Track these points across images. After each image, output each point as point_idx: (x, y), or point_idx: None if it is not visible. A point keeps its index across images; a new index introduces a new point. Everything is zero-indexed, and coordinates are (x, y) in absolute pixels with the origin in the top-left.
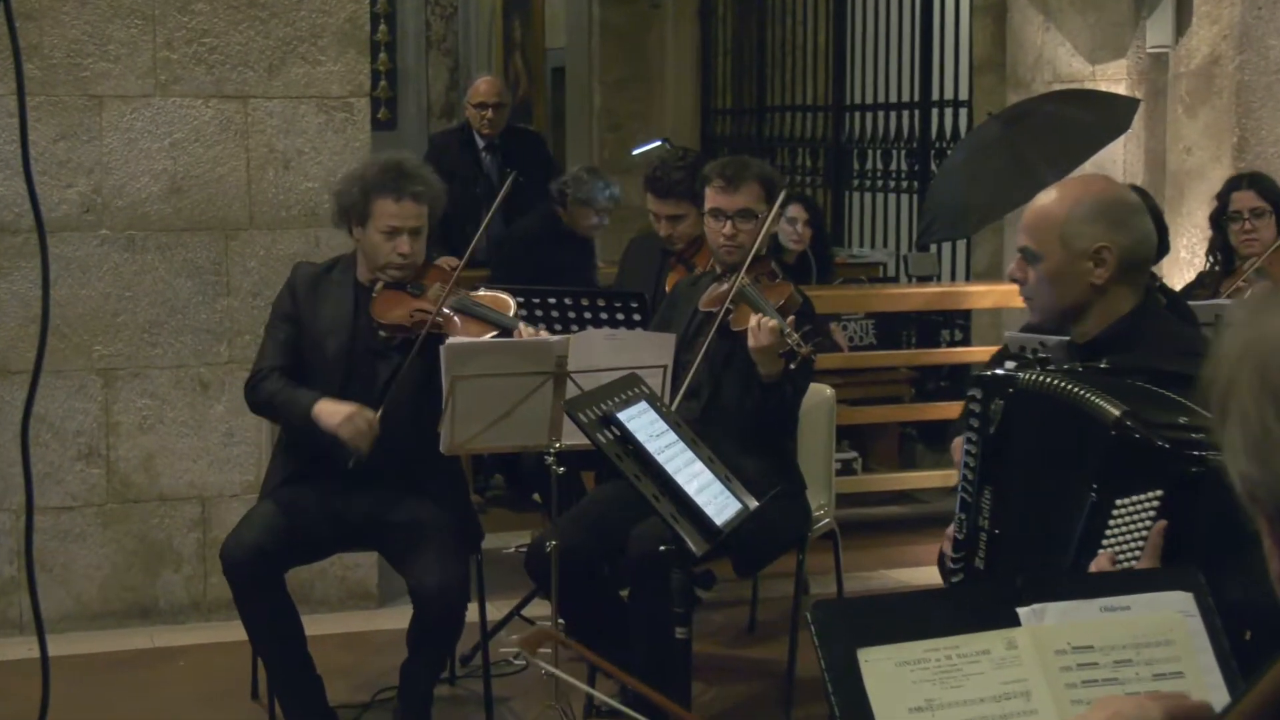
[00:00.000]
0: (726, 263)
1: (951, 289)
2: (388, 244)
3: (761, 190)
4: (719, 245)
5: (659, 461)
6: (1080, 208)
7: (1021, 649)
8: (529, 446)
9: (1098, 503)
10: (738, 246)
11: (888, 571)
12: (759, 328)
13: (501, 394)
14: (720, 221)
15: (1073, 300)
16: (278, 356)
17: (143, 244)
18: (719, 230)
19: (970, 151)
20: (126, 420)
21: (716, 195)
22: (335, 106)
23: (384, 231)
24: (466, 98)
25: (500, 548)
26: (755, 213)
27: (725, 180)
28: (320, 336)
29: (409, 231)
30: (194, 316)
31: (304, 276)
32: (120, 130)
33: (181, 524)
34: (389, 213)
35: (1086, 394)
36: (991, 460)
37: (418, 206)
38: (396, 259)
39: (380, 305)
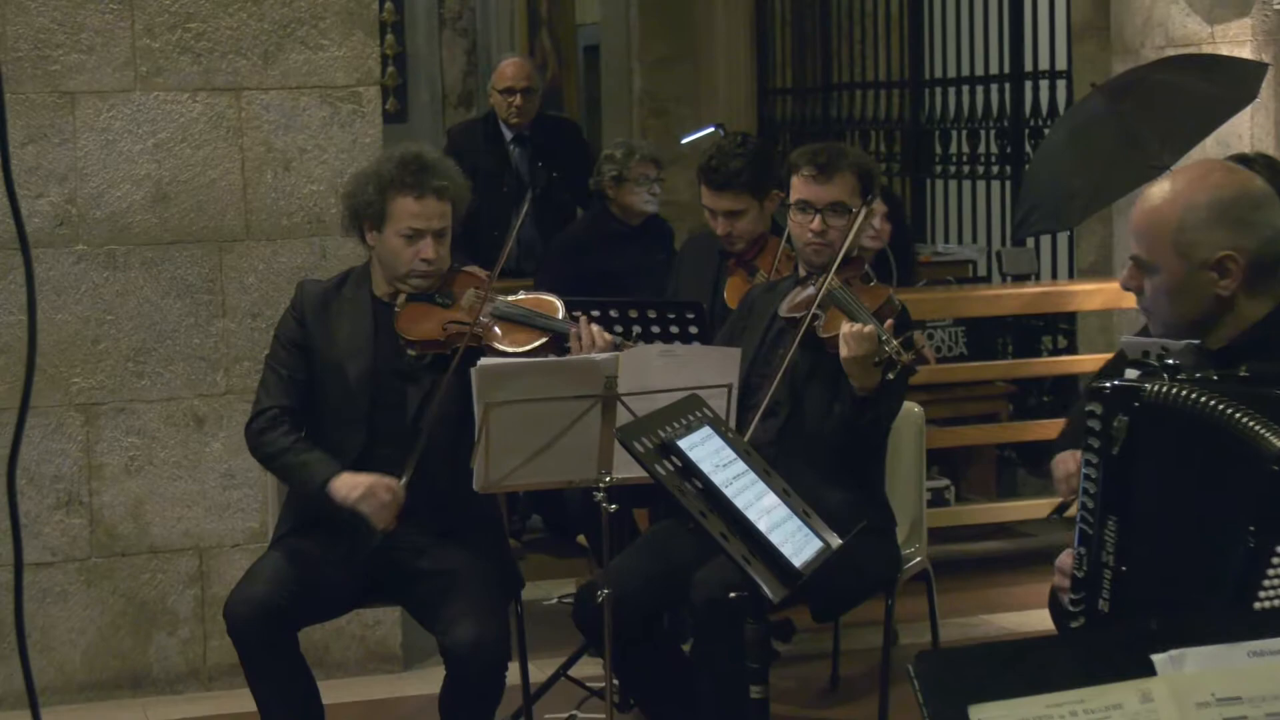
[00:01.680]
0: (813, 263)
1: (1053, 289)
2: (409, 249)
3: (857, 182)
4: (806, 242)
5: (727, 495)
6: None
7: (1158, 702)
8: (575, 481)
9: (1255, 549)
10: (827, 245)
11: (989, 616)
12: (853, 334)
13: (543, 421)
14: (808, 215)
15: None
16: (282, 395)
17: (125, 260)
18: (806, 225)
19: (1071, 130)
20: (111, 462)
21: (806, 185)
22: (341, 98)
23: (404, 235)
24: (491, 83)
25: (541, 599)
26: (848, 207)
27: (817, 169)
28: (339, 363)
29: (433, 233)
30: (185, 342)
31: (311, 296)
32: (96, 130)
33: (176, 580)
34: (409, 212)
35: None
36: (1115, 486)
37: (441, 204)
38: (420, 265)
39: (407, 319)
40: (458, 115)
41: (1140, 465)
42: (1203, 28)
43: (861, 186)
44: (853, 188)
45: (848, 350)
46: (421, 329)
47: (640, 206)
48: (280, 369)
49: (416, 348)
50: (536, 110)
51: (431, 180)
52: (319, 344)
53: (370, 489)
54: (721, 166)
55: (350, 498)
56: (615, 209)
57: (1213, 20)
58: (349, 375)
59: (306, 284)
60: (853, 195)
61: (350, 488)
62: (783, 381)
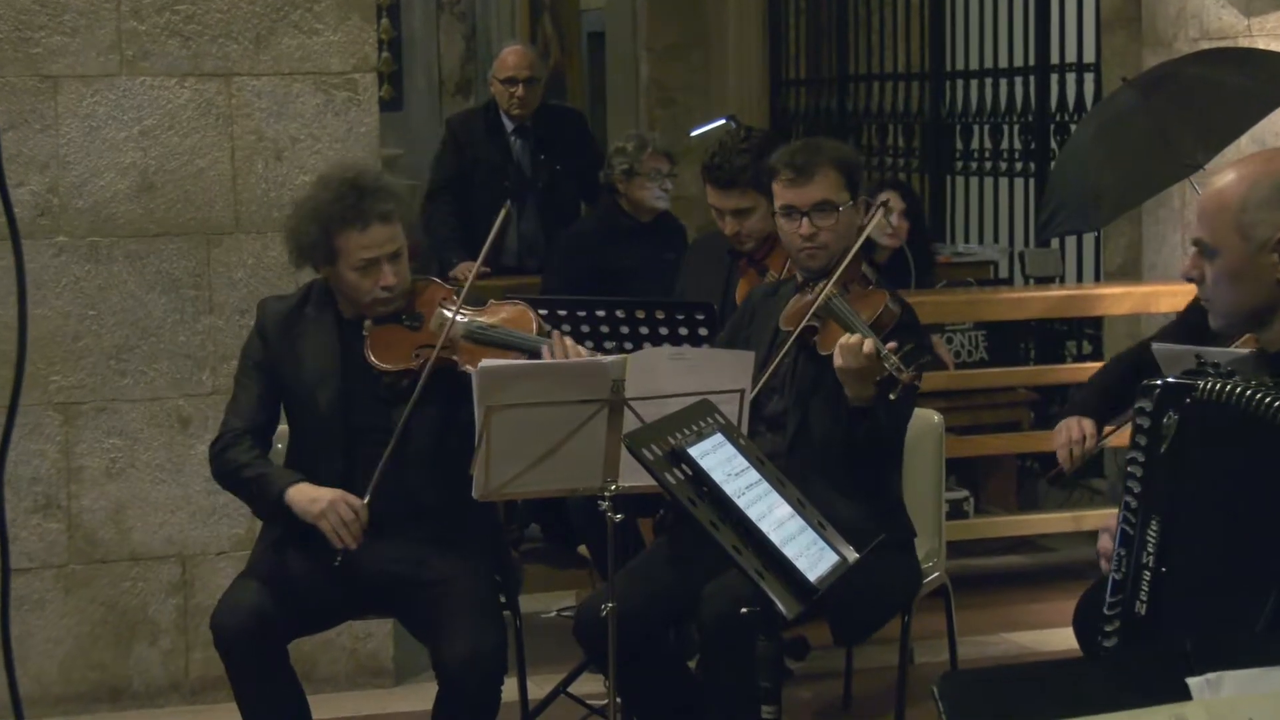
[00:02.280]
0: (809, 268)
1: (1078, 292)
2: (366, 280)
3: (839, 176)
4: (798, 249)
5: (739, 506)
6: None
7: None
8: (579, 490)
9: None
10: (820, 248)
11: (1008, 635)
12: (847, 347)
13: (546, 426)
14: (794, 220)
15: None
16: (249, 414)
17: (108, 252)
18: (794, 231)
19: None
20: (91, 464)
21: (786, 189)
22: (336, 84)
23: (358, 268)
24: (492, 71)
25: (539, 611)
26: (835, 204)
27: (794, 170)
28: (307, 389)
29: (386, 259)
30: (170, 339)
31: (273, 317)
32: (79, 117)
33: (158, 588)
34: (359, 245)
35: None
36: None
37: (389, 228)
38: (381, 294)
39: (376, 347)
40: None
41: (1189, 464)
42: (1239, 20)
43: (846, 180)
44: (835, 183)
45: (841, 362)
46: (391, 356)
47: (651, 203)
48: (248, 386)
49: (390, 376)
50: (539, 101)
51: (375, 207)
52: (285, 368)
53: (331, 504)
54: (725, 164)
55: (310, 512)
56: (625, 204)
57: (1250, 12)
58: (320, 403)
59: (268, 302)
60: (837, 190)
61: (309, 501)
62: (789, 392)
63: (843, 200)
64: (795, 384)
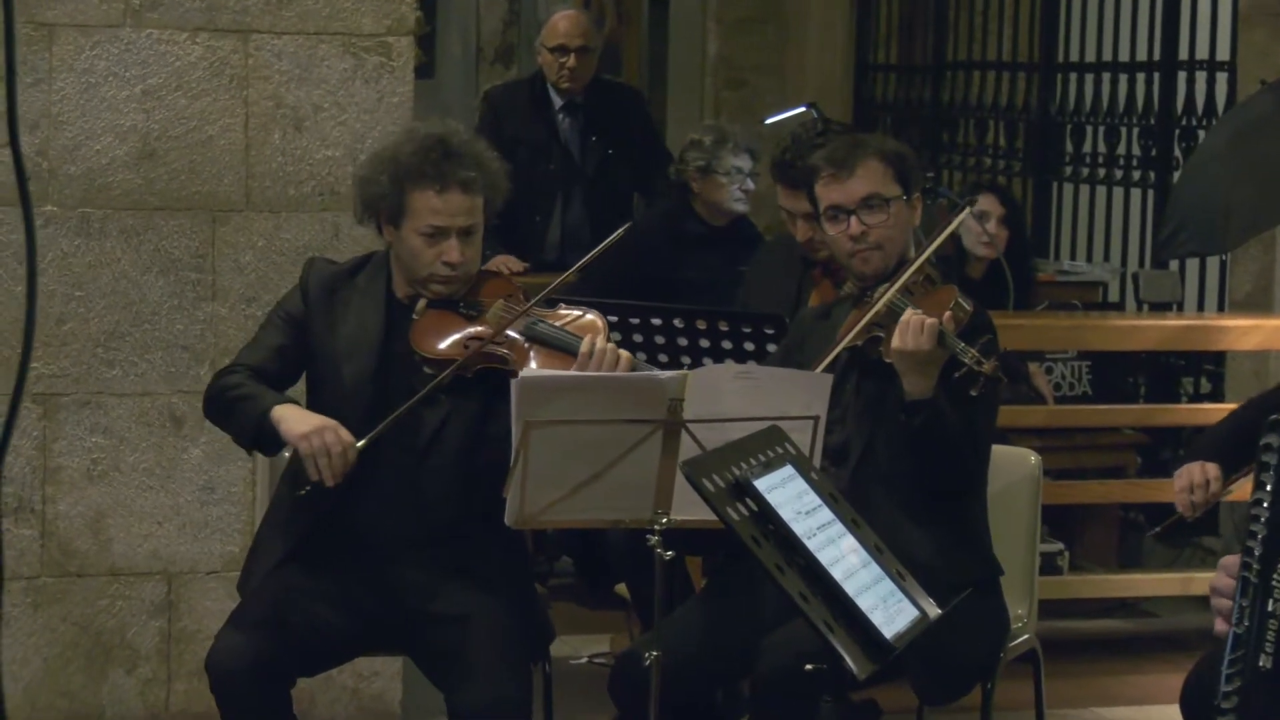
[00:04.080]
0: (864, 274)
1: (1199, 322)
2: (430, 250)
3: (886, 167)
4: (848, 253)
5: (809, 548)
6: None
7: None
8: (625, 521)
9: None
10: (873, 249)
11: (1103, 710)
12: (910, 324)
13: (592, 447)
14: (840, 222)
15: None
16: (261, 358)
17: (101, 226)
18: (843, 232)
19: (1234, 134)
20: (70, 465)
21: (829, 188)
22: (367, 48)
23: (425, 234)
24: (539, 39)
25: (567, 657)
26: (884, 197)
27: (835, 166)
28: (335, 360)
29: (458, 232)
30: (166, 327)
31: (319, 278)
32: (76, 71)
33: (139, 608)
34: (431, 208)
35: None
36: None
37: (469, 198)
38: (442, 269)
39: (423, 332)
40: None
41: None
42: None
43: (895, 172)
44: (882, 174)
45: (901, 343)
46: (439, 345)
47: (728, 205)
48: (271, 333)
49: (433, 366)
50: (592, 74)
51: (458, 170)
52: (318, 333)
53: (318, 429)
54: (799, 161)
55: (294, 431)
56: (698, 206)
57: None
58: (344, 377)
59: (317, 261)
60: (885, 183)
61: (297, 421)
62: (851, 417)
63: (893, 193)
64: (857, 408)
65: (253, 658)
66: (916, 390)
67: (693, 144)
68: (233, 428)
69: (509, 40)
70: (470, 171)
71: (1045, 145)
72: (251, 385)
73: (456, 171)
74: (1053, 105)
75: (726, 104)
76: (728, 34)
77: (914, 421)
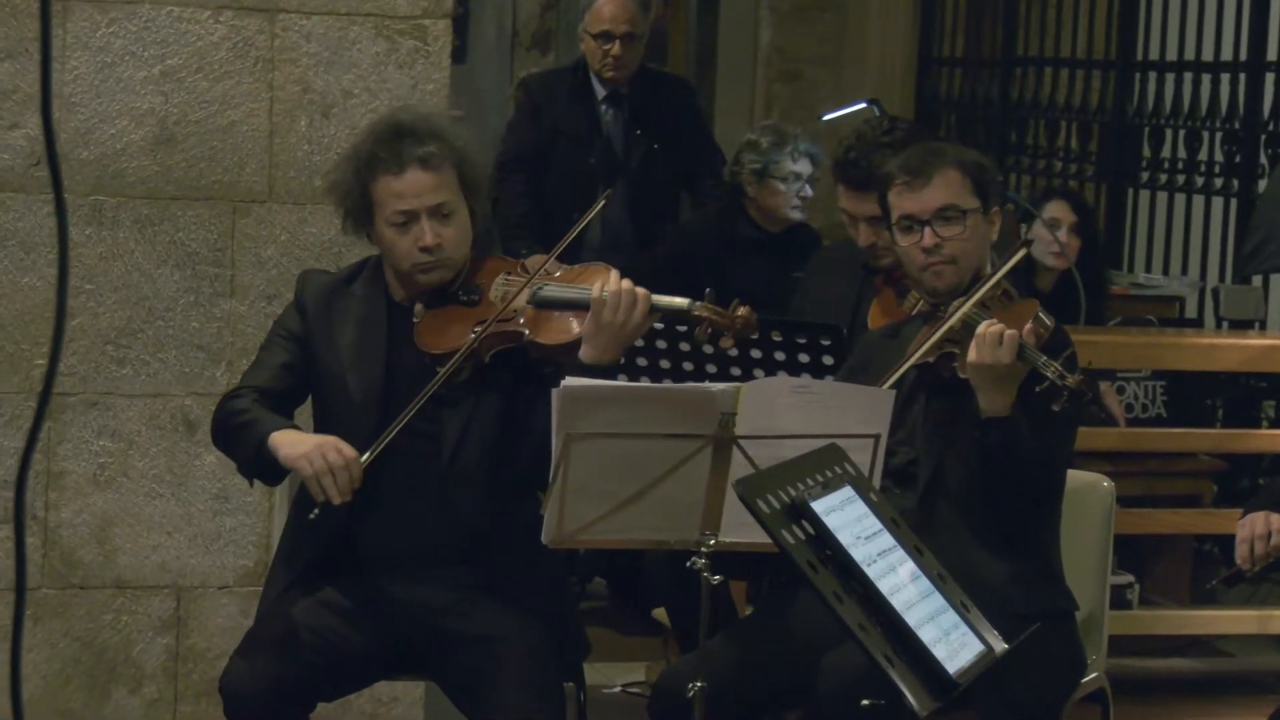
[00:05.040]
0: (936, 289)
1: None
2: (404, 239)
3: (964, 178)
4: (920, 266)
5: (869, 576)
6: None
7: None
8: (670, 542)
9: None
10: (946, 262)
11: None
12: (988, 335)
13: (637, 463)
14: (914, 233)
15: None
16: (266, 378)
17: (114, 215)
18: (915, 244)
19: None
20: (76, 469)
21: (902, 197)
22: (402, 30)
23: (394, 223)
24: (582, 24)
25: (600, 685)
26: (961, 209)
27: (910, 174)
28: (339, 372)
29: (428, 213)
30: (181, 324)
31: (315, 290)
32: (90, 49)
33: (146, 624)
34: (393, 193)
35: None
36: None
37: (432, 175)
38: (421, 257)
39: (427, 331)
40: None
41: None
42: None
43: (973, 183)
44: (960, 185)
45: (977, 355)
46: (445, 339)
47: (784, 212)
48: (274, 352)
49: (443, 362)
50: (638, 62)
51: (413, 149)
52: (320, 347)
53: (317, 446)
54: (863, 160)
55: (292, 455)
56: (752, 210)
57: None
58: (350, 388)
59: (311, 274)
60: (962, 194)
61: (294, 444)
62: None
63: (970, 205)
64: (927, 428)
65: (269, 680)
66: (993, 407)
67: (749, 145)
68: (237, 456)
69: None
70: (427, 146)
71: (1121, 149)
72: (255, 410)
73: (412, 150)
74: (1130, 106)
75: (779, 98)
76: (782, 22)
77: (989, 439)
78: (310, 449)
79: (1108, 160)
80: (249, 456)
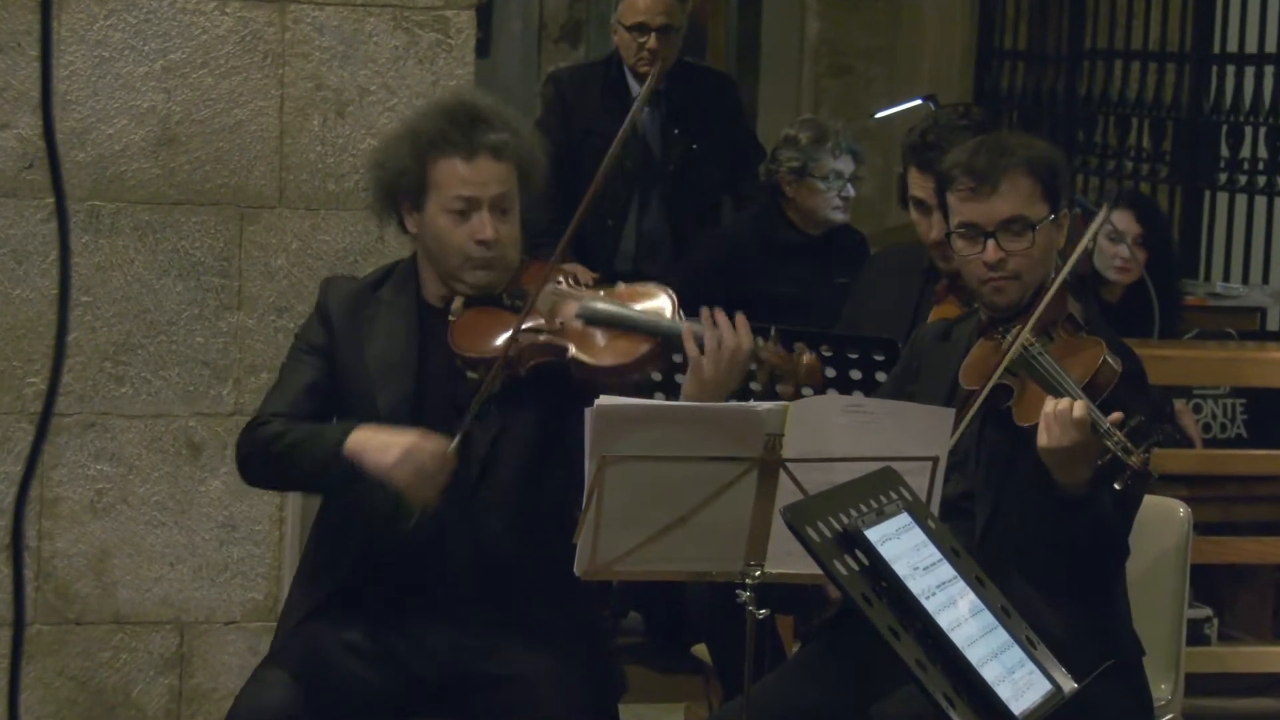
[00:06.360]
0: (995, 305)
1: None
2: (459, 228)
3: (1034, 183)
4: (980, 279)
5: (927, 609)
6: None
7: None
8: (712, 573)
9: None
10: (1010, 278)
11: None
12: (1055, 418)
13: (677, 488)
14: (975, 242)
15: None
16: (293, 400)
17: (112, 222)
18: (977, 256)
19: None
20: (71, 496)
21: (965, 202)
22: (422, 22)
23: (453, 209)
24: (616, 15)
25: None
26: (1029, 221)
27: (976, 178)
28: (367, 387)
29: (490, 204)
30: (185, 339)
31: (339, 298)
32: (87, 43)
33: (148, 662)
34: (458, 178)
35: None
36: None
37: (501, 165)
38: (475, 250)
39: (463, 331)
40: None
41: None
42: None
43: (1044, 188)
44: (1029, 192)
45: (1047, 438)
46: (484, 342)
47: (825, 213)
48: (299, 370)
49: (478, 369)
50: (675, 56)
51: (486, 134)
52: (347, 359)
53: (408, 451)
54: (941, 142)
55: (382, 463)
56: (791, 212)
57: None
58: (379, 406)
59: (334, 280)
60: (1031, 203)
61: (381, 449)
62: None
63: (1039, 215)
64: (983, 460)
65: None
66: (1074, 481)
67: (787, 141)
68: (293, 480)
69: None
70: (501, 134)
71: (1196, 148)
72: (300, 429)
73: (485, 135)
74: (1206, 102)
75: (828, 94)
76: (830, 12)
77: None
78: (400, 455)
79: (1182, 160)
80: (315, 472)
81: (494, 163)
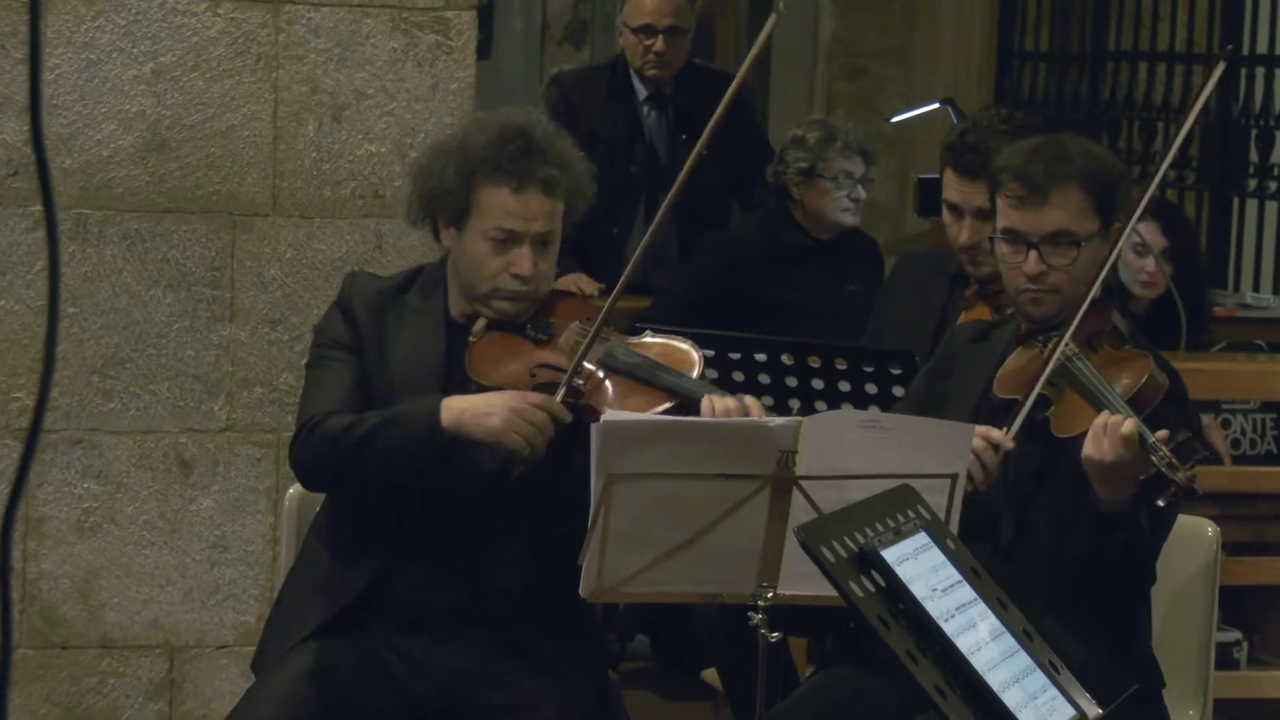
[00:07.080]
0: (1032, 315)
1: None
2: (497, 259)
3: (1086, 197)
4: (1019, 289)
5: (946, 632)
6: None
7: None
8: (723, 595)
9: None
10: (1049, 291)
11: None
12: (1107, 432)
13: (686, 507)
14: (1019, 251)
15: None
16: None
17: (100, 231)
18: (1018, 265)
19: None
20: (57, 515)
21: (1013, 210)
22: (421, 24)
23: (493, 238)
24: (622, 16)
25: None
26: (1077, 237)
27: (1028, 186)
28: (390, 390)
29: (532, 240)
30: (175, 353)
31: (364, 295)
32: (74, 45)
33: (136, 688)
34: (504, 209)
35: None
36: None
37: (550, 201)
38: (509, 283)
39: (481, 357)
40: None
41: None
42: None
43: (1096, 202)
44: (1080, 206)
45: (1097, 452)
46: (501, 372)
47: (834, 216)
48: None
49: None
50: (683, 59)
51: (539, 168)
52: (370, 361)
53: (513, 410)
54: (981, 144)
55: (490, 427)
56: (799, 215)
57: None
58: None
59: (358, 277)
60: (1081, 217)
61: (482, 414)
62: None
63: (1087, 231)
64: (1012, 474)
65: None
66: (1116, 496)
67: (795, 142)
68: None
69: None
70: (553, 170)
71: (1225, 153)
72: (370, 416)
73: (538, 169)
74: (1235, 106)
75: (842, 96)
76: (845, 12)
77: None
78: (505, 416)
79: (1210, 166)
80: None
81: (543, 198)
